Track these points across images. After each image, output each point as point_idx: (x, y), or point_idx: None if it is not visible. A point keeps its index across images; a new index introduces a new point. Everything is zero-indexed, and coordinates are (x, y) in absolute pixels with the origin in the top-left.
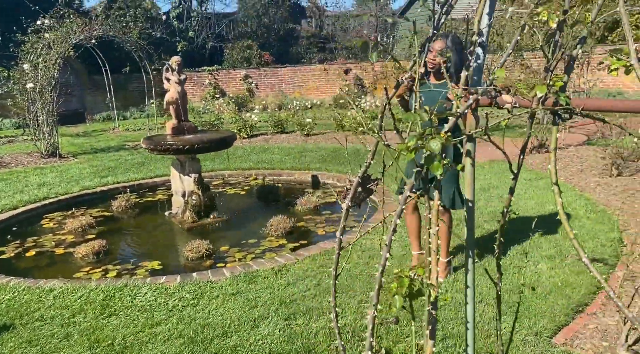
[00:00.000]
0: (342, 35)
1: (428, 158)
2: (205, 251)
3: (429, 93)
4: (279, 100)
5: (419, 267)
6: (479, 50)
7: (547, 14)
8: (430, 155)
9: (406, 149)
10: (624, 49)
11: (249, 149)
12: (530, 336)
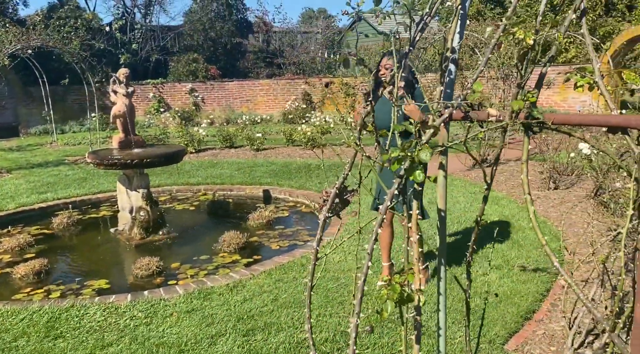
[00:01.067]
0: (289, 50)
1: (410, 168)
2: (155, 269)
3: (383, 106)
4: (226, 115)
5: (409, 274)
6: (451, 67)
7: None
8: (412, 165)
9: (389, 160)
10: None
11: (197, 164)
12: (484, 343)
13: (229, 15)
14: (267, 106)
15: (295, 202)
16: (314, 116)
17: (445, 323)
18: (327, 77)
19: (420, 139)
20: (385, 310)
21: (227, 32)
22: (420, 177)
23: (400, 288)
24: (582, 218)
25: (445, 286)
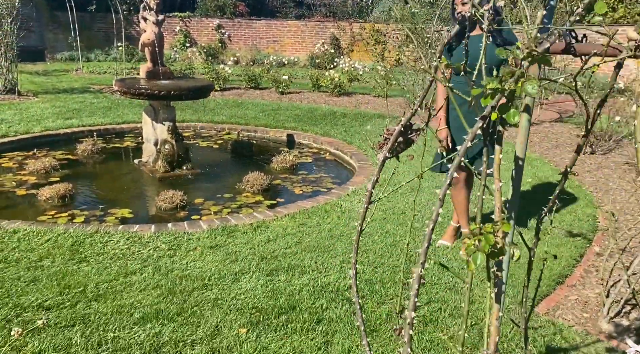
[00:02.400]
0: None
1: (504, 106)
2: (179, 203)
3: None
4: (252, 55)
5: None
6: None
7: None
8: (506, 104)
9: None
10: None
11: (221, 102)
12: (514, 304)
13: None
14: (294, 48)
15: (319, 149)
16: (343, 61)
17: (507, 278)
18: (358, 21)
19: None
20: (474, 261)
21: None
22: (516, 117)
23: (493, 239)
24: (620, 186)
25: (512, 239)
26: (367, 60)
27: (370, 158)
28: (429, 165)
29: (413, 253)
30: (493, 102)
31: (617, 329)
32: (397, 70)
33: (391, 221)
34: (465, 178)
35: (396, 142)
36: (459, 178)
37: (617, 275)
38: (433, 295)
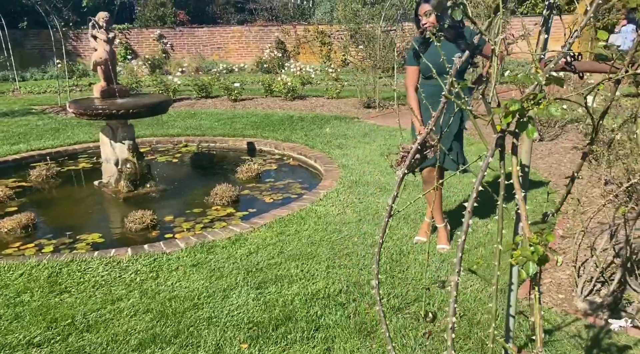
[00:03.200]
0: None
1: (522, 123)
2: (150, 222)
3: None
4: (196, 63)
5: (548, 234)
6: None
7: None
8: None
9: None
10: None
11: (174, 114)
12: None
13: None
14: (239, 54)
15: (281, 155)
16: (293, 65)
17: (517, 278)
18: (301, 24)
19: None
20: (526, 271)
21: None
22: (535, 134)
23: (543, 250)
24: (571, 169)
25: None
26: (314, 62)
27: (336, 161)
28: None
29: (394, 253)
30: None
31: (591, 306)
32: (344, 71)
33: (367, 222)
34: (438, 177)
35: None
36: (431, 176)
37: (583, 256)
38: (420, 291)
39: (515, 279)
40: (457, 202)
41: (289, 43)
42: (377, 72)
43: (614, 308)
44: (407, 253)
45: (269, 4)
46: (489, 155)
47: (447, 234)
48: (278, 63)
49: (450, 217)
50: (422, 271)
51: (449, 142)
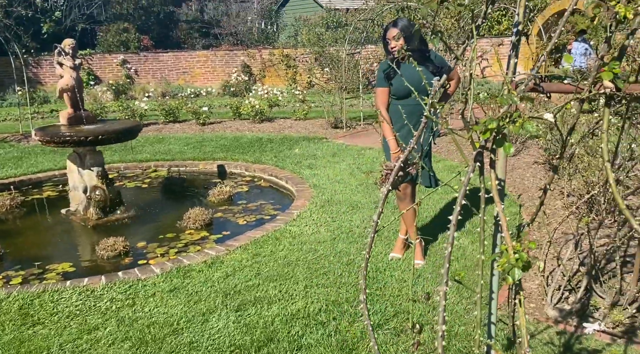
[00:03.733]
0: (226, 20)
1: (499, 140)
2: (122, 249)
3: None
4: (162, 88)
5: (530, 242)
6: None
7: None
8: (501, 138)
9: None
10: None
11: (142, 140)
12: (471, 305)
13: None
14: (206, 78)
15: (252, 177)
16: (260, 88)
17: (497, 287)
18: (267, 48)
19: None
20: (512, 277)
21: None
22: (512, 149)
23: (527, 256)
24: (534, 183)
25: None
26: (280, 85)
27: (307, 181)
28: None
29: (370, 270)
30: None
31: (561, 314)
32: (310, 92)
33: (342, 241)
34: (411, 192)
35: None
36: (406, 193)
37: (550, 265)
38: (398, 307)
39: (496, 287)
40: (428, 218)
41: (254, 66)
42: (343, 93)
43: (582, 314)
44: (383, 270)
45: (233, 28)
46: (470, 171)
47: (422, 249)
48: (245, 87)
49: (423, 233)
50: (399, 287)
51: (421, 159)
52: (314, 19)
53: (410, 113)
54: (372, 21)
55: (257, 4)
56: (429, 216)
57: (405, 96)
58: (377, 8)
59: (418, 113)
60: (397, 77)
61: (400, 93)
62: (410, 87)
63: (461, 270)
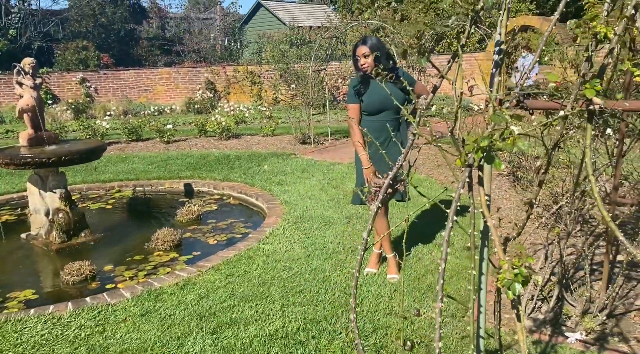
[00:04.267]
0: (188, 38)
1: (489, 157)
2: (88, 273)
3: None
4: (123, 106)
5: (526, 256)
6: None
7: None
8: (491, 155)
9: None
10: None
11: (104, 159)
12: (448, 317)
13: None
14: (168, 96)
15: (221, 195)
16: (226, 105)
17: (485, 300)
18: (231, 65)
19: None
20: (512, 292)
21: (120, 18)
22: (502, 166)
23: (526, 271)
24: (499, 195)
25: (487, 266)
26: (245, 101)
27: (277, 197)
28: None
29: (346, 287)
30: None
31: (535, 323)
32: (276, 109)
33: (316, 258)
34: (385, 208)
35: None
36: (381, 208)
37: None
38: (376, 322)
39: (484, 301)
40: (401, 232)
41: (219, 83)
42: (310, 109)
43: (555, 323)
44: (360, 285)
45: (196, 46)
46: (460, 187)
47: (396, 264)
48: (210, 104)
49: (396, 247)
50: (376, 302)
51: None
52: (278, 36)
53: (382, 129)
54: (336, 38)
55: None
56: (401, 229)
57: (376, 112)
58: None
59: (390, 128)
60: (368, 93)
61: (371, 109)
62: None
63: (437, 282)
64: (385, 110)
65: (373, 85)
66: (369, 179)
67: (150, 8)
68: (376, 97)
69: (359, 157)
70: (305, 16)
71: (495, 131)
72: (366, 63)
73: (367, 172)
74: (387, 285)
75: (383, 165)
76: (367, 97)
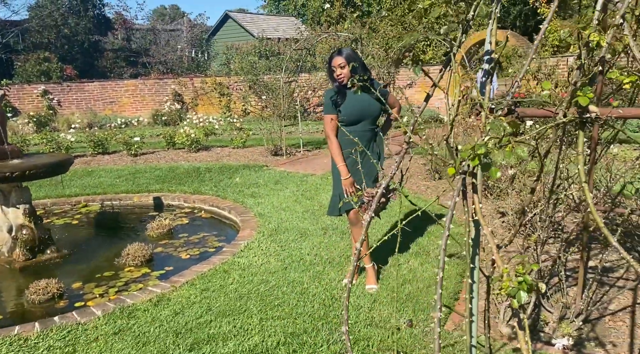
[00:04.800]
0: (155, 49)
1: (485, 165)
2: (56, 292)
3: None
4: (88, 118)
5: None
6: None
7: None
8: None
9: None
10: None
11: (69, 173)
12: (429, 327)
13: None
14: (134, 108)
15: (192, 208)
16: (195, 117)
17: (477, 308)
18: (198, 76)
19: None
20: (518, 300)
21: (84, 29)
22: (498, 174)
23: (531, 279)
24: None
25: (478, 274)
26: (214, 113)
27: (251, 210)
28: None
29: (325, 299)
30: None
31: (513, 330)
32: (246, 120)
33: (293, 270)
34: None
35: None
36: (358, 217)
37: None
38: (357, 334)
39: (476, 310)
40: (376, 241)
41: (186, 95)
42: (281, 120)
43: (533, 329)
44: (339, 297)
45: (163, 57)
46: (456, 195)
47: (374, 274)
48: (178, 115)
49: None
50: (356, 314)
51: (371, 183)
52: (246, 47)
53: (359, 139)
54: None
55: (186, 33)
56: (377, 239)
57: (354, 122)
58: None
59: (367, 138)
60: (346, 104)
61: (350, 119)
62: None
63: (416, 292)
64: (363, 120)
65: (350, 95)
66: (347, 189)
67: (115, 19)
68: (354, 107)
69: (337, 168)
70: (274, 28)
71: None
72: (342, 73)
73: (345, 182)
74: (367, 296)
75: (360, 175)
76: (345, 107)
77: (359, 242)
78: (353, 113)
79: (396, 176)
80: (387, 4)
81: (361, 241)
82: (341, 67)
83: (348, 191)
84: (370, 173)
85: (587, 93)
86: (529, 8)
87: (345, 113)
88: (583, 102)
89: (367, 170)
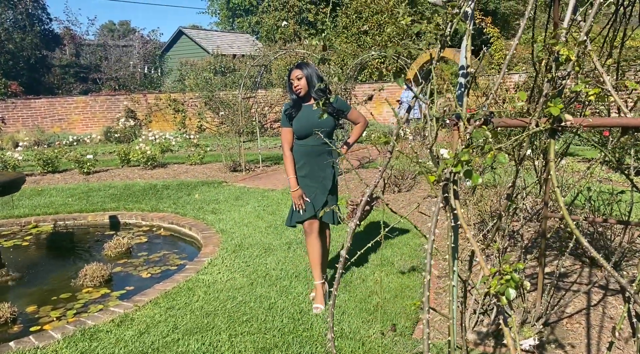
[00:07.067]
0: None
1: (468, 171)
2: (9, 316)
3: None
4: (35, 136)
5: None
6: (462, 80)
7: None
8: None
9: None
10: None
11: (17, 193)
12: (398, 336)
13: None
14: (85, 125)
15: (150, 226)
16: (150, 134)
17: (455, 311)
18: (152, 93)
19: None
20: (507, 297)
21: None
22: (479, 180)
23: (518, 277)
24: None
25: (457, 277)
26: (168, 129)
27: (212, 226)
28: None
29: (294, 312)
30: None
31: (479, 336)
32: (202, 136)
33: (260, 285)
34: (318, 229)
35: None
36: (312, 228)
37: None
38: (327, 345)
39: (454, 314)
40: (332, 252)
41: (140, 111)
42: (240, 136)
43: (497, 334)
44: (307, 310)
45: (114, 73)
46: (439, 201)
47: (323, 292)
48: (132, 132)
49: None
50: (325, 326)
51: (325, 196)
52: (201, 63)
53: (310, 153)
54: (264, 66)
55: (139, 49)
56: (333, 250)
57: (305, 136)
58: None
59: (317, 153)
60: (298, 117)
61: (300, 133)
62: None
63: (383, 302)
64: (312, 134)
65: (304, 109)
66: (296, 202)
67: (63, 35)
68: (305, 121)
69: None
70: (228, 44)
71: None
72: (299, 85)
73: (294, 194)
74: (335, 308)
75: (310, 188)
76: (297, 121)
77: (344, 250)
78: (303, 127)
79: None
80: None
81: (347, 249)
82: (298, 79)
83: (296, 204)
84: (324, 187)
85: (558, 103)
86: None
87: (296, 127)
88: (554, 112)
89: (317, 183)
